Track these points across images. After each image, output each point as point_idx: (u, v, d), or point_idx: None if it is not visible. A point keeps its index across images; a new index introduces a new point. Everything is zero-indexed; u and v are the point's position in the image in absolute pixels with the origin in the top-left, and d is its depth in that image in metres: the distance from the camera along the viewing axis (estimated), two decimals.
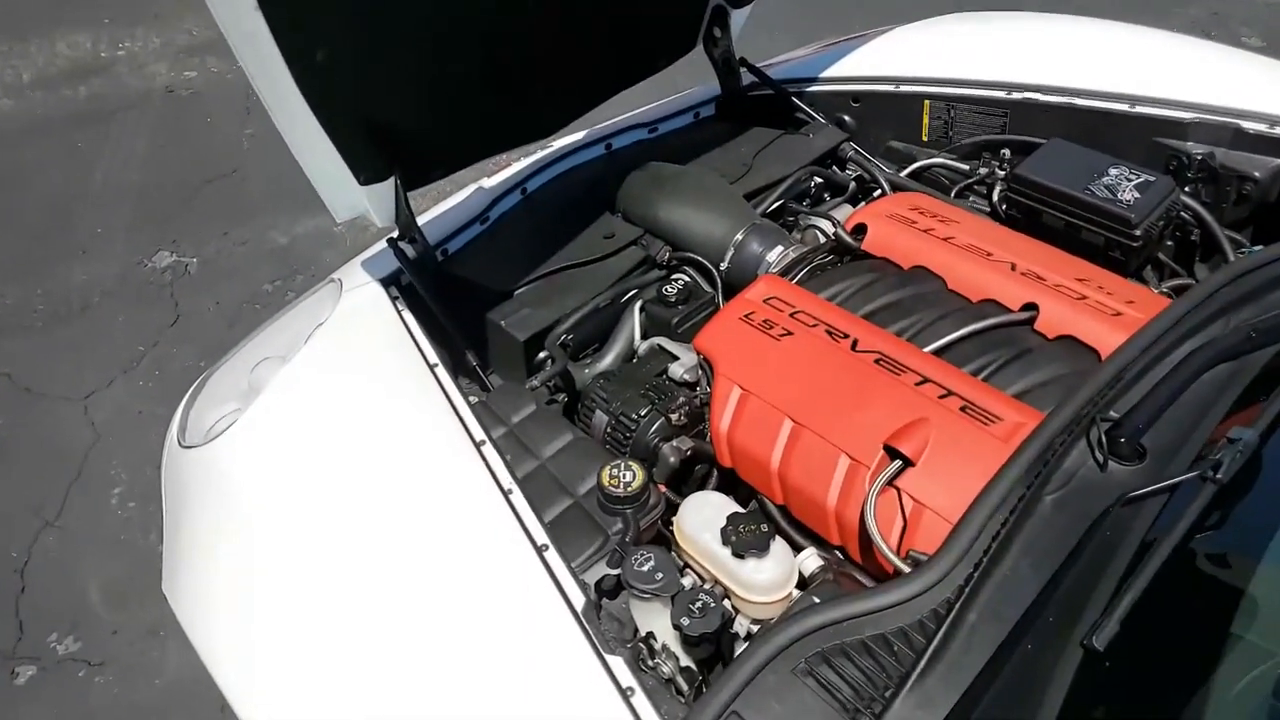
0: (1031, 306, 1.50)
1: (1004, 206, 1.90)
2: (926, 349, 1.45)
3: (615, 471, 1.33)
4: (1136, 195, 1.68)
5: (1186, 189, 1.76)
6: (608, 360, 1.68)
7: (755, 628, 1.25)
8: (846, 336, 1.47)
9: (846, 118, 2.16)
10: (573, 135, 2.14)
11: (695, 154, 2.05)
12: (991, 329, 1.48)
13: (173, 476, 1.66)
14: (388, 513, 1.35)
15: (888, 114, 2.11)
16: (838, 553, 1.36)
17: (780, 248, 1.69)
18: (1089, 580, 1.09)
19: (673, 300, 1.66)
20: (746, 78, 2.22)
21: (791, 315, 1.52)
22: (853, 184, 2.01)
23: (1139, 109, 1.84)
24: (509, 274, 1.80)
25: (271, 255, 3.61)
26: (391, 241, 1.77)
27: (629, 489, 1.31)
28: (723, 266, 1.73)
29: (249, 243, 3.67)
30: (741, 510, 1.27)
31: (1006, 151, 1.93)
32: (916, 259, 1.63)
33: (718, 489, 1.51)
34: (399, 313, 1.69)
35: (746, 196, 1.89)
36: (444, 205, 2.02)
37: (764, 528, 1.23)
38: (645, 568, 1.21)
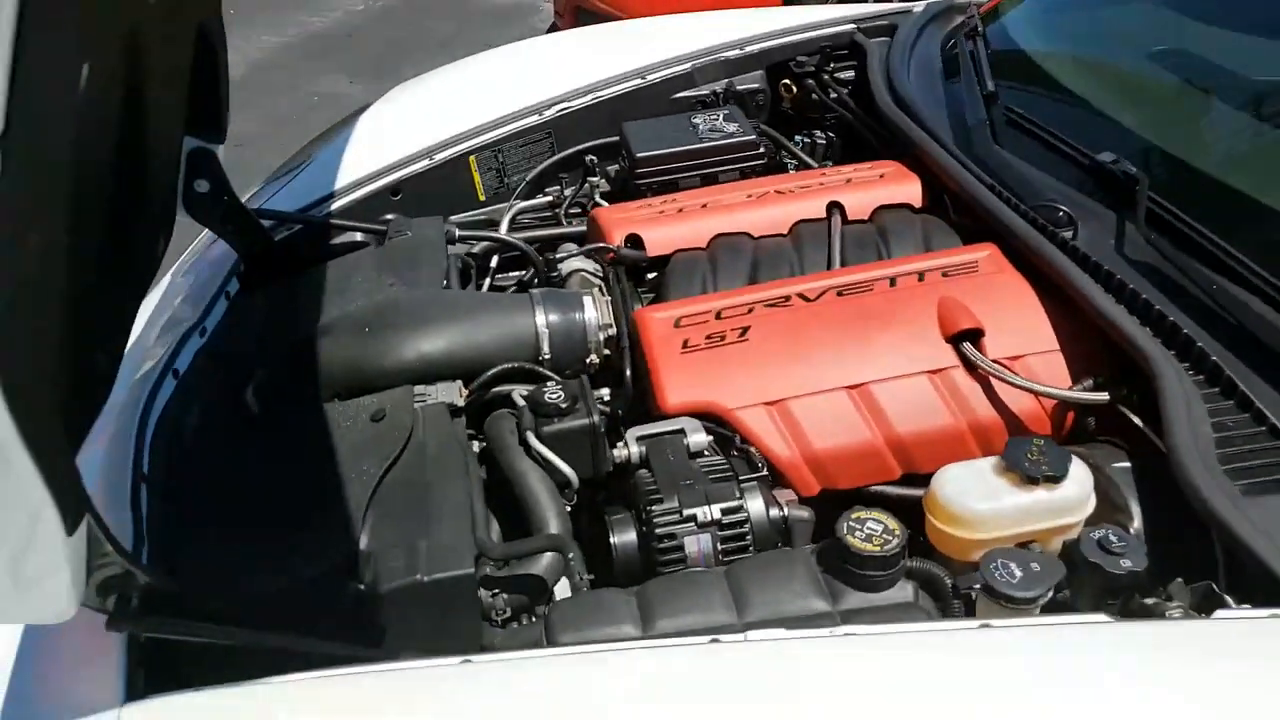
0: (835, 205, 1.51)
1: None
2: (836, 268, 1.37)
3: (859, 528, 0.95)
4: (736, 125, 1.81)
5: None
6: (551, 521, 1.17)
7: None
8: (788, 298, 1.29)
9: (390, 215, 1.81)
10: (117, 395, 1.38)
11: (305, 319, 1.49)
12: (844, 231, 1.46)
13: None
14: None
15: (436, 190, 1.84)
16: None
17: (587, 298, 1.38)
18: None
19: (564, 407, 1.22)
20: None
21: (718, 317, 1.27)
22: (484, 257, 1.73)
23: (650, 77, 1.97)
24: (309, 549, 1.10)
25: None
26: (114, 621, 0.92)
27: (895, 537, 0.96)
28: (545, 356, 1.34)
29: None
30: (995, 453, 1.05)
31: (593, 158, 1.87)
32: (709, 233, 1.50)
33: None
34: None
35: None
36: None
37: (1038, 440, 1.03)
38: (1022, 573, 0.92)
